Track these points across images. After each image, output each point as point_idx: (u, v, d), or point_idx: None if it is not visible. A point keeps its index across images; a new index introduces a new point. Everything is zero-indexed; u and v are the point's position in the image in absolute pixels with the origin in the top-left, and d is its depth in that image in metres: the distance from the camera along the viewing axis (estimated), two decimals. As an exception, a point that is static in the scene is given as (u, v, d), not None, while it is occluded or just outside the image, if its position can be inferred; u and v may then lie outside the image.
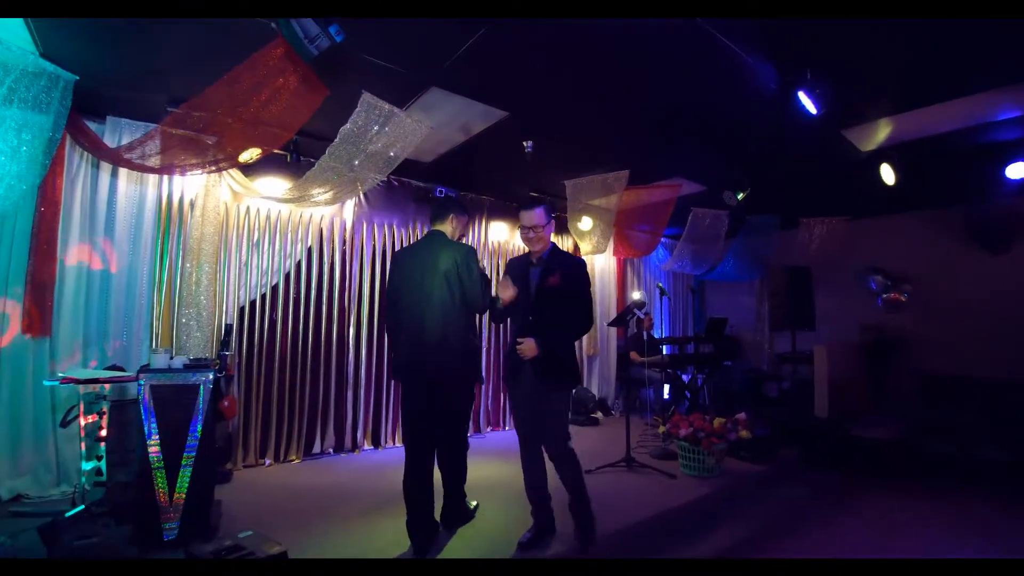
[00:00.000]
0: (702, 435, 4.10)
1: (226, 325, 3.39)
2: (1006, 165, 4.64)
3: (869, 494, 4.38)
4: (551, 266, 2.83)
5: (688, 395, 6.41)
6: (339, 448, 4.77)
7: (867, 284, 6.64)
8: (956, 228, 6.12)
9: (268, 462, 4.36)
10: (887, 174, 4.60)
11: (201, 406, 2.88)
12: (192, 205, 4.14)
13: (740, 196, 4.86)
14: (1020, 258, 5.79)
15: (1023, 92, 3.64)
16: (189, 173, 3.92)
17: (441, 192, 5.15)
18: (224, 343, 3.32)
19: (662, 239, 7.00)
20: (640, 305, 4.40)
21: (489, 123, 4.01)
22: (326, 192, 4.00)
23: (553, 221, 2.99)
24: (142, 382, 2.82)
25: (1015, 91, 3.64)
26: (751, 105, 3.74)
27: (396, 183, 5.26)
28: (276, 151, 4.33)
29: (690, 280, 7.98)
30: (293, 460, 4.47)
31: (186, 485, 2.79)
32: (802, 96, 3.31)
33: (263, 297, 4.43)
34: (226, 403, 2.99)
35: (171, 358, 3.01)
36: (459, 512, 3.17)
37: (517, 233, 6.20)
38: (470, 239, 5.80)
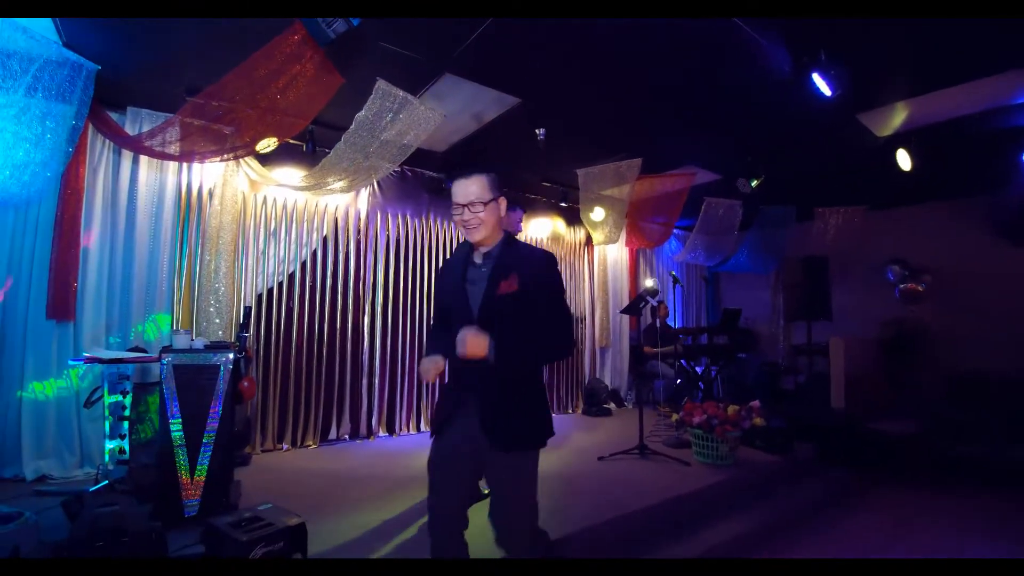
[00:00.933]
0: (716, 422, 4.08)
1: (244, 308, 3.45)
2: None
3: (885, 491, 4.33)
4: (504, 265, 1.84)
5: (702, 386, 6.37)
6: (354, 435, 4.83)
7: (885, 275, 6.55)
8: (978, 219, 6.01)
9: (286, 447, 4.43)
10: (903, 160, 4.54)
11: (221, 386, 2.94)
12: (211, 194, 4.22)
13: (754, 183, 4.82)
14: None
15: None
16: (208, 161, 4.00)
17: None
18: (243, 325, 3.38)
19: (675, 230, 6.96)
20: (653, 292, 4.38)
21: (501, 111, 4.03)
22: (341, 180, 4.05)
23: (503, 200, 1.94)
24: (165, 361, 2.89)
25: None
26: (766, 89, 3.72)
27: (409, 173, 5.30)
28: (292, 141, 4.40)
29: (703, 270, 7.93)
30: (310, 445, 4.54)
31: (207, 464, 2.85)
32: (816, 78, 3.28)
33: (280, 285, 4.50)
34: (245, 384, 3.05)
35: (192, 340, 3.08)
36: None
37: (529, 224, 6.21)
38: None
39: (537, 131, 4.29)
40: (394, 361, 5.09)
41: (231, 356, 2.90)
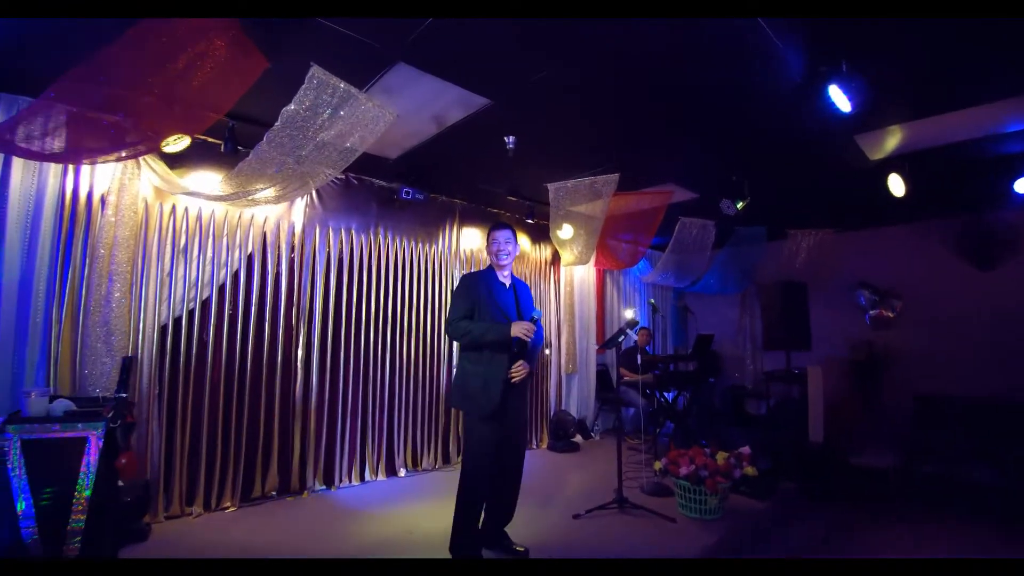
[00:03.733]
0: (705, 474, 3.61)
1: (123, 360, 2.62)
2: (1016, 178, 4.39)
3: (876, 528, 3.99)
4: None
5: (671, 416, 5.96)
6: (284, 490, 4.06)
7: (856, 299, 6.38)
8: (948, 243, 5.90)
9: (196, 512, 3.63)
10: (896, 185, 4.26)
11: (90, 466, 2.18)
12: (103, 202, 3.39)
13: (740, 205, 4.43)
14: (1011, 274, 5.60)
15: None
16: (100, 161, 3.19)
17: (408, 193, 4.52)
18: (122, 382, 2.56)
19: (647, 254, 6.54)
20: (632, 325, 3.90)
21: (467, 113, 3.43)
22: (267, 188, 3.32)
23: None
24: (9, 434, 2.11)
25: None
26: (766, 101, 3.30)
27: (355, 181, 4.60)
28: (208, 139, 3.65)
29: (682, 296, 7.59)
30: (228, 508, 3.75)
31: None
32: (834, 91, 2.87)
33: (191, 314, 3.70)
34: (123, 461, 2.29)
35: (50, 401, 2.29)
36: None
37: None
38: (439, 246, 5.19)
39: (506, 139, 3.72)
40: (333, 400, 4.36)
41: (101, 427, 2.15)
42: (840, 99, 2.91)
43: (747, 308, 7.40)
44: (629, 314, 4.82)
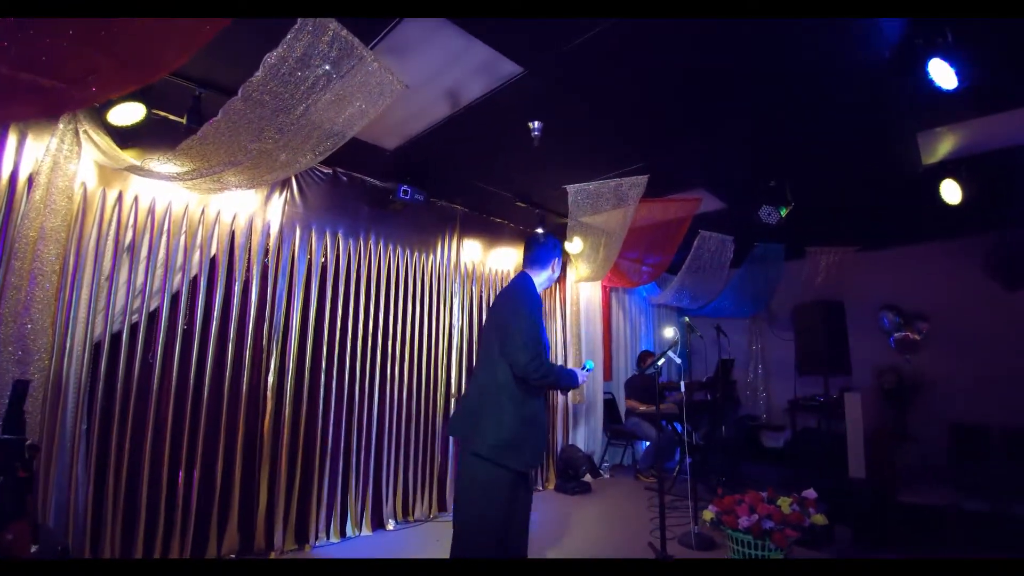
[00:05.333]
0: (770, 525, 2.98)
1: (14, 384, 1.82)
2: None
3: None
4: None
5: (689, 451, 5.33)
6: (246, 550, 3.24)
7: (880, 322, 5.97)
8: (977, 262, 5.57)
9: (126, 582, 2.78)
10: (951, 192, 3.85)
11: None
12: (30, 183, 2.65)
13: (784, 212, 3.94)
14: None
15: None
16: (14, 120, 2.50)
17: (406, 192, 3.89)
18: (10, 418, 1.71)
19: (661, 271, 6.02)
20: (675, 345, 3.32)
21: (491, 86, 2.85)
22: (236, 168, 2.65)
23: None
24: None
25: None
26: (824, 90, 2.84)
27: (344, 178, 3.95)
28: (169, 116, 2.98)
29: (673, 316, 7.07)
30: None
31: None
32: (937, 65, 2.40)
33: (134, 328, 2.93)
34: (9, 536, 1.53)
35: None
36: None
37: (491, 255, 5.02)
38: (437, 258, 4.54)
39: (532, 124, 3.16)
40: (310, 438, 3.59)
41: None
42: (944, 74, 2.45)
43: (756, 333, 6.92)
44: (669, 333, 4.23)
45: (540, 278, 2.50)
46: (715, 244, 5.16)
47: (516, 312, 2.26)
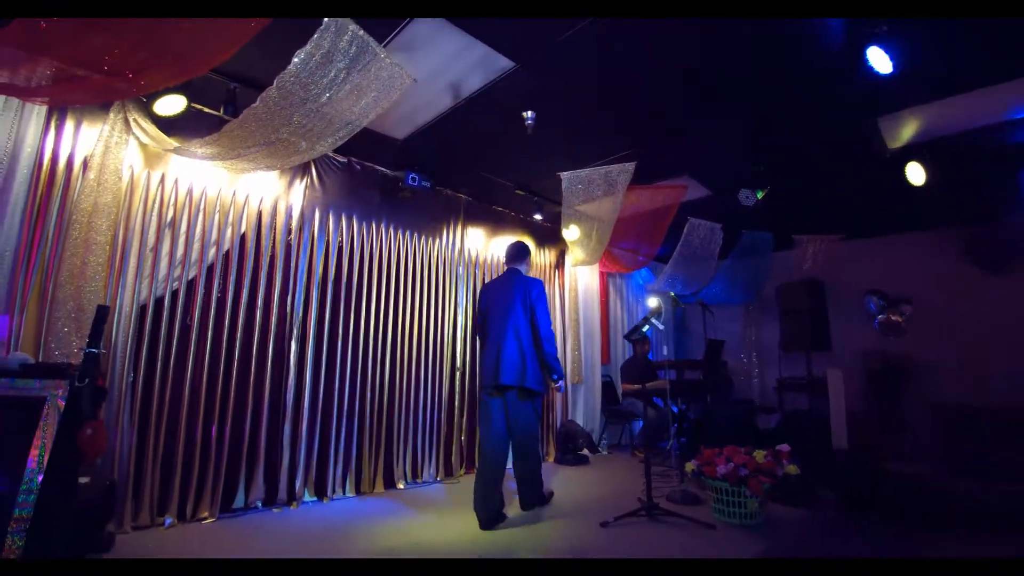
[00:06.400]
0: (746, 472, 3.29)
1: (98, 307, 2.19)
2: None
3: (930, 542, 3.65)
4: None
5: (685, 429, 5.62)
6: (271, 501, 3.59)
7: (865, 306, 6.24)
8: (960, 248, 5.84)
9: (170, 521, 3.14)
10: (916, 174, 4.15)
11: (45, 435, 1.77)
12: (85, 165, 3.05)
13: (760, 195, 4.27)
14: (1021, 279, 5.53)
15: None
16: (73, 103, 2.90)
17: (414, 179, 4.26)
18: (94, 335, 2.11)
19: (652, 257, 6.34)
20: (657, 313, 3.64)
21: (488, 80, 3.22)
22: (264, 150, 3.02)
23: None
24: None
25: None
26: (793, 82, 3.19)
27: (358, 166, 4.34)
28: (204, 109, 3.37)
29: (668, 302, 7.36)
30: (205, 518, 3.27)
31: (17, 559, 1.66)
32: (874, 52, 2.74)
33: (175, 295, 3.32)
34: (89, 431, 1.88)
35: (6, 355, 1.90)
36: (536, 496, 3.61)
37: (493, 241, 5.38)
38: (443, 244, 4.90)
39: (526, 114, 3.52)
40: (328, 401, 3.94)
41: (64, 386, 1.76)
42: (880, 60, 2.78)
43: (751, 320, 7.21)
44: (653, 302, 4.53)
45: (526, 272, 3.73)
46: (704, 231, 5.48)
47: (540, 298, 3.49)
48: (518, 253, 3.74)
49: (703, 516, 3.42)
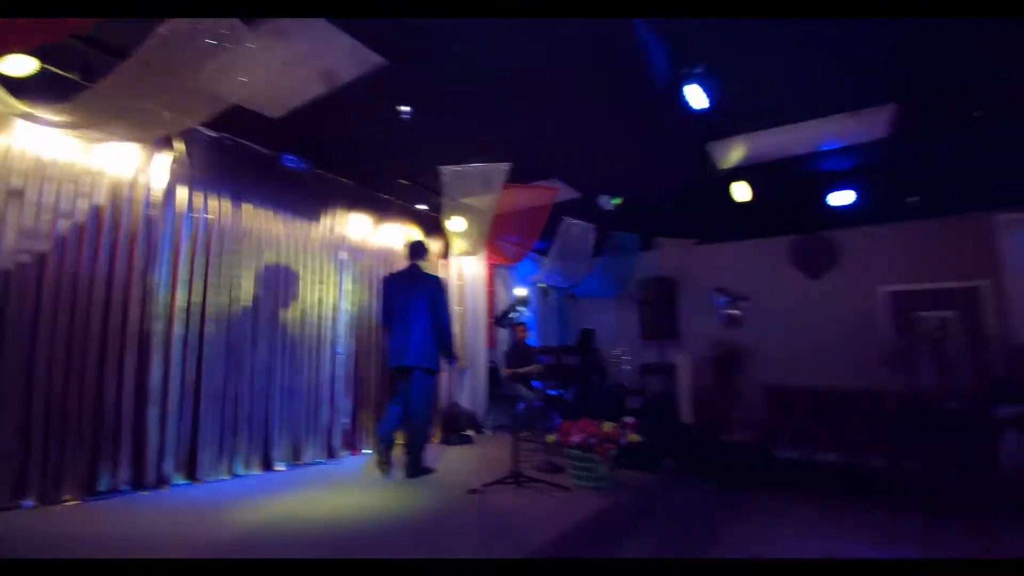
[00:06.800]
0: (594, 441, 3.77)
1: None
2: (829, 193, 5.30)
3: (747, 496, 4.38)
4: None
5: (560, 411, 6.15)
6: (139, 484, 3.47)
7: (713, 301, 7.20)
8: (784, 254, 6.95)
9: (30, 504, 2.99)
10: (742, 191, 4.91)
11: None
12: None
13: (615, 202, 4.86)
14: (836, 282, 6.74)
15: (847, 122, 4.08)
16: None
17: (291, 161, 4.28)
18: None
19: (533, 252, 6.80)
20: (524, 302, 4.04)
21: (361, 71, 3.33)
22: (120, 124, 2.94)
23: None
24: None
25: (841, 121, 4.07)
26: (640, 102, 3.69)
27: (229, 143, 4.20)
28: (59, 71, 3.17)
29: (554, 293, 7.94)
30: (68, 501, 3.12)
31: None
32: (692, 89, 3.29)
33: (23, 268, 3.09)
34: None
35: None
36: (420, 467, 4.03)
37: (379, 229, 5.49)
38: (323, 229, 4.94)
39: (401, 108, 3.70)
40: (197, 381, 3.85)
41: None
42: (697, 97, 3.35)
43: (623, 312, 7.98)
44: (521, 292, 4.94)
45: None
46: (579, 230, 6.01)
47: (440, 291, 4.17)
48: (418, 251, 4.32)
49: (563, 482, 3.86)
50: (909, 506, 3.98)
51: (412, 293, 4.08)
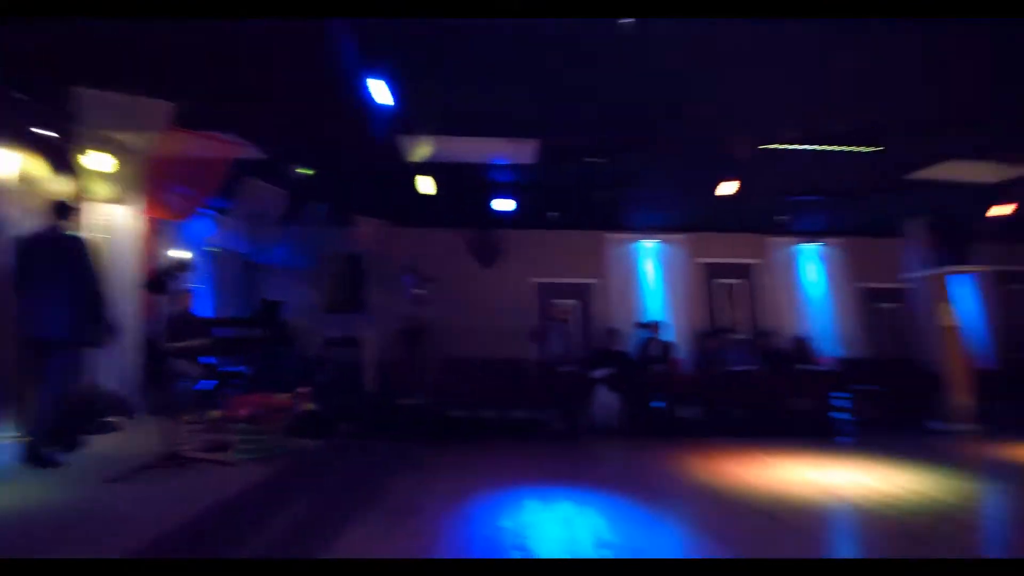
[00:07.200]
0: (262, 412, 3.71)
1: None
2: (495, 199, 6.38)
3: (412, 450, 4.95)
4: None
5: (241, 387, 5.72)
6: None
7: (402, 281, 7.73)
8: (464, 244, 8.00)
9: None
10: (426, 185, 5.48)
11: None
12: None
13: (307, 171, 4.78)
14: (503, 272, 8.11)
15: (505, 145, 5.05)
16: None
17: None
18: None
19: (207, 211, 6.03)
20: (183, 267, 3.62)
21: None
22: None
23: None
24: None
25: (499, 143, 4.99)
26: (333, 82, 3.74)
27: None
28: None
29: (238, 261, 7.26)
30: None
31: None
32: (376, 84, 3.52)
33: None
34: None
35: None
36: (42, 456, 3.39)
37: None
38: None
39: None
40: None
41: None
42: (382, 92, 3.61)
43: (316, 283, 7.84)
44: (177, 255, 4.33)
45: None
46: (266, 193, 5.61)
47: (85, 254, 3.64)
48: (61, 211, 3.75)
49: (226, 458, 3.65)
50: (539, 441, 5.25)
51: (50, 256, 3.58)
